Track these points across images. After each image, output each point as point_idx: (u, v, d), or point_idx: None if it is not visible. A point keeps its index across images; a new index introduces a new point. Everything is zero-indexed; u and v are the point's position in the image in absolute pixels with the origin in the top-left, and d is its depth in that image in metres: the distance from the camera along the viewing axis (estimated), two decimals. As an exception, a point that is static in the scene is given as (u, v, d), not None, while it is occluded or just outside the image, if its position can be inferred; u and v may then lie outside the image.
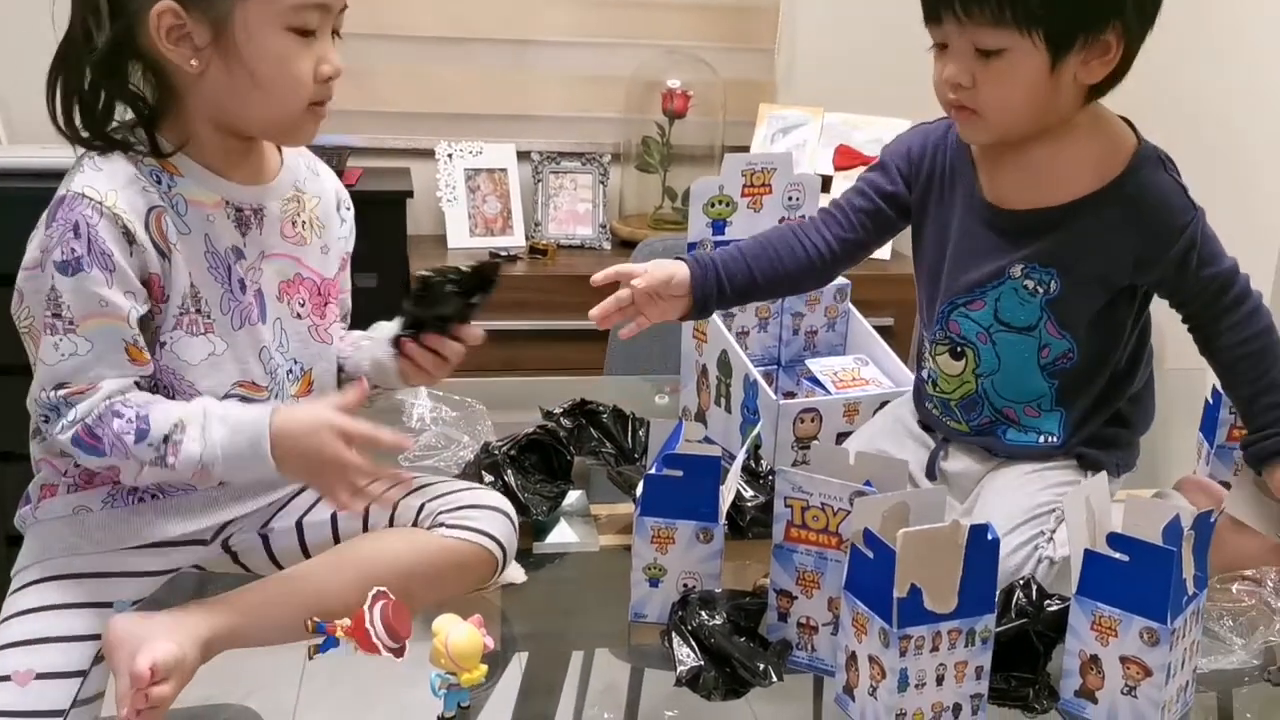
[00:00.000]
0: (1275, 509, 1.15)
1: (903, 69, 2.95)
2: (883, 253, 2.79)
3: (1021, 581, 1.06)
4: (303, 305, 1.17)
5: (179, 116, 1.09)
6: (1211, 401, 1.34)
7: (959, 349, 1.25)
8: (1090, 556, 0.96)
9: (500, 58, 2.86)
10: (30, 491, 1.15)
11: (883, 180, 1.31)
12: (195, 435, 1.03)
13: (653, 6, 2.88)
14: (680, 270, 1.27)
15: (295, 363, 1.17)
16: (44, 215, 1.04)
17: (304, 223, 1.18)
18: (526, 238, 2.81)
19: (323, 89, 1.09)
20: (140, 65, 1.07)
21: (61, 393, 1.03)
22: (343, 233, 1.25)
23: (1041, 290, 1.19)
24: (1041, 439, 1.24)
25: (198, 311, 1.08)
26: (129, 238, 1.03)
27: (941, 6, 1.12)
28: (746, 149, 2.86)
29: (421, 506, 1.11)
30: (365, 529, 1.12)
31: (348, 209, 1.27)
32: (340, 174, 2.56)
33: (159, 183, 1.07)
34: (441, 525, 1.10)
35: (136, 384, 1.06)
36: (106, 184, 1.03)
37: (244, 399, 1.11)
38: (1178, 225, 1.16)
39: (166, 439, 1.03)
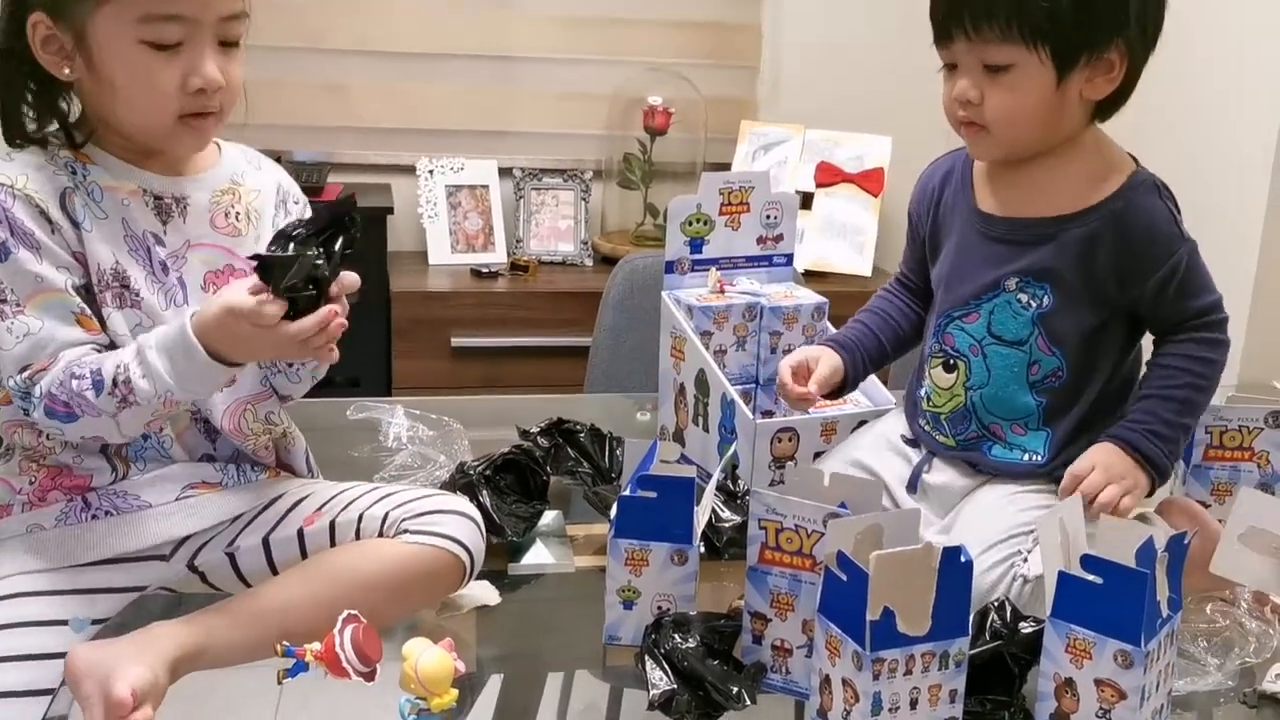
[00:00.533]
0: (1263, 563, 1.13)
1: (884, 87, 3.00)
2: (863, 268, 2.81)
3: (996, 603, 1.05)
4: None
5: (83, 115, 1.12)
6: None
7: (952, 361, 1.27)
8: (1064, 578, 0.96)
9: (482, 74, 2.86)
10: None
11: (911, 232, 1.38)
12: (139, 372, 1.04)
13: (635, 24, 2.89)
14: (835, 361, 1.35)
15: None
16: None
17: (238, 214, 1.18)
18: (508, 254, 2.81)
19: (194, 101, 1.08)
20: (39, 77, 1.10)
21: (25, 374, 1.05)
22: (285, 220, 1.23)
23: (1034, 304, 1.22)
24: (1026, 457, 1.24)
25: (124, 288, 1.10)
26: (45, 217, 1.06)
27: (952, 25, 1.17)
28: (728, 166, 2.87)
29: (386, 515, 1.11)
30: (332, 542, 1.11)
31: (296, 202, 1.26)
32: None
33: (73, 173, 1.10)
34: (405, 532, 1.10)
35: (95, 349, 1.07)
36: (16, 170, 1.07)
37: None
38: (1163, 252, 1.18)
39: (116, 382, 1.04)
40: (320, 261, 1.00)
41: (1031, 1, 1.12)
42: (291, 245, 1.00)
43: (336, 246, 1.01)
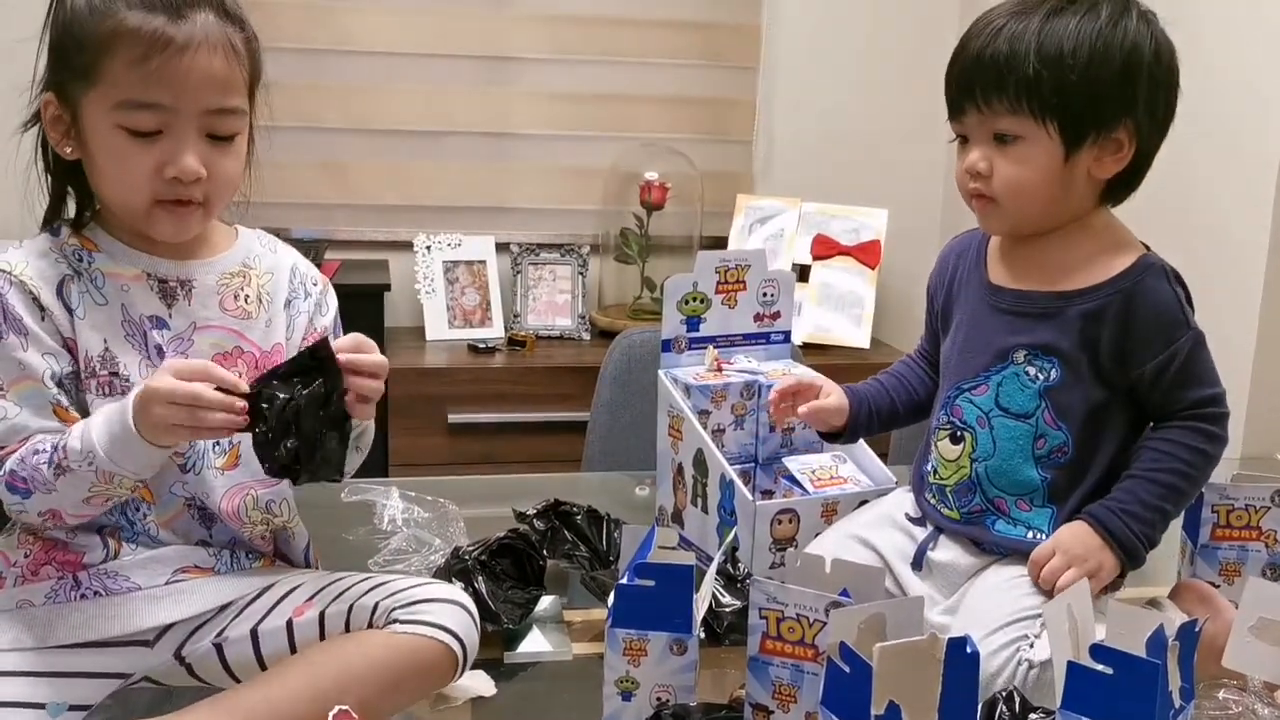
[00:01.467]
0: (1275, 654, 1.10)
1: (878, 160, 3.02)
2: (861, 340, 2.80)
3: (1004, 693, 1.02)
4: (241, 378, 1.13)
5: (90, 197, 1.15)
6: (1194, 501, 1.32)
7: (959, 433, 1.26)
8: (1074, 669, 0.93)
9: (479, 150, 2.88)
10: None
11: (929, 307, 1.39)
12: (76, 432, 1.05)
13: (630, 100, 2.92)
14: (842, 401, 1.40)
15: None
16: None
17: (248, 296, 1.19)
18: (505, 329, 2.81)
19: (172, 188, 1.09)
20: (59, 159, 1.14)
21: None
22: (304, 307, 1.24)
23: (1042, 377, 1.21)
24: (1030, 535, 1.23)
25: (113, 374, 1.10)
26: (38, 303, 1.08)
27: (964, 98, 1.20)
28: (724, 240, 2.88)
29: (376, 605, 1.09)
30: (322, 634, 1.09)
31: (315, 284, 1.26)
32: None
33: (79, 259, 1.12)
34: (395, 622, 1.07)
35: None
36: (19, 257, 1.10)
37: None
38: (1164, 337, 1.18)
39: (57, 448, 1.05)
40: (324, 411, 1.03)
41: (1041, 77, 1.15)
42: (274, 382, 1.03)
43: (310, 389, 1.03)
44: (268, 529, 1.19)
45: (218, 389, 1.02)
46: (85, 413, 1.09)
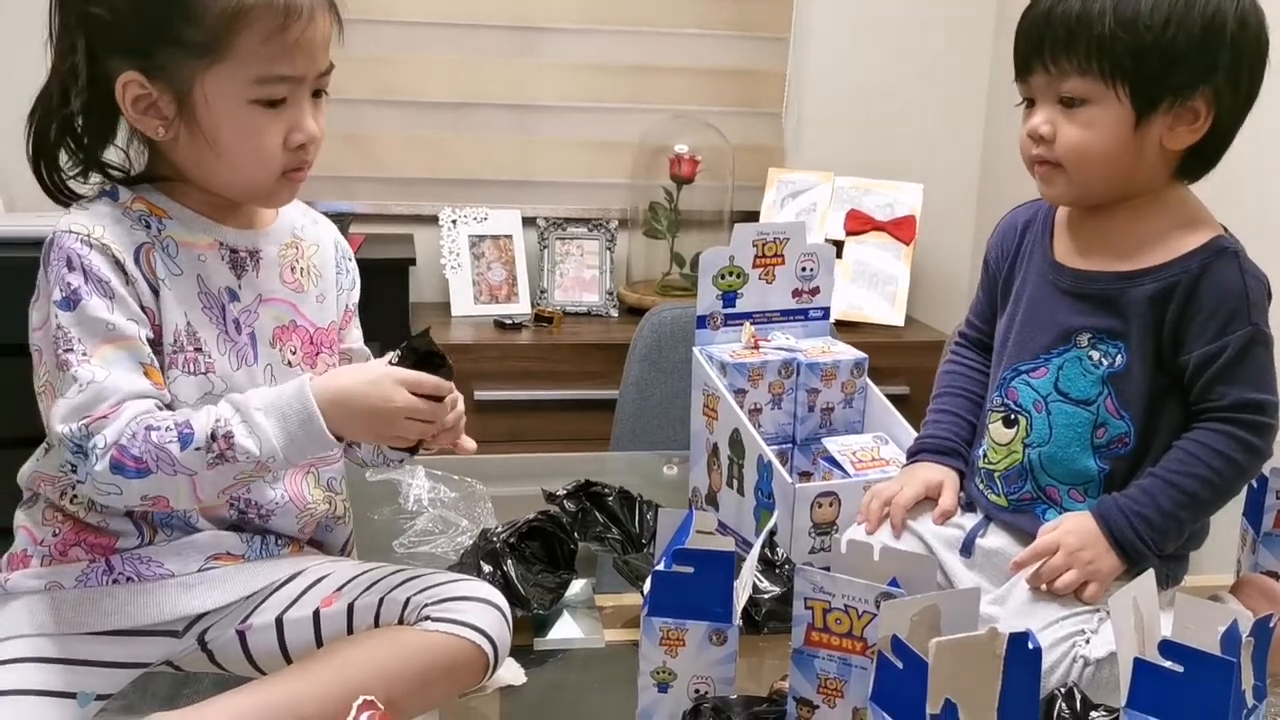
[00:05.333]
0: None
1: (913, 132, 2.95)
2: (895, 318, 2.74)
3: (1064, 690, 0.97)
4: (294, 353, 1.14)
5: (168, 165, 1.09)
6: (1255, 485, 1.26)
7: (1013, 416, 1.21)
8: (1141, 666, 0.88)
9: (506, 123, 2.82)
10: (0, 560, 1.09)
11: (987, 277, 1.31)
12: (243, 430, 1.00)
13: (660, 71, 2.85)
14: (955, 482, 1.26)
15: None
16: (40, 266, 1.04)
17: (302, 269, 1.16)
18: (532, 305, 2.76)
19: (295, 156, 1.07)
20: (130, 128, 1.07)
21: (83, 421, 0.99)
22: (345, 284, 1.22)
23: (1106, 362, 1.15)
24: None
25: (196, 350, 1.06)
26: (122, 268, 1.02)
27: (1032, 55, 1.13)
28: (755, 214, 2.82)
29: (408, 601, 1.04)
30: (350, 627, 1.05)
31: (348, 259, 1.24)
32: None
33: (147, 226, 1.06)
34: (427, 619, 1.03)
35: (159, 406, 1.02)
36: (93, 220, 1.03)
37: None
38: (1220, 326, 1.11)
39: (215, 436, 0.99)
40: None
41: (1115, 36, 1.08)
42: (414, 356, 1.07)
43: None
44: (329, 510, 1.16)
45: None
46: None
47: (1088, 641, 1.08)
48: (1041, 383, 1.19)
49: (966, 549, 1.21)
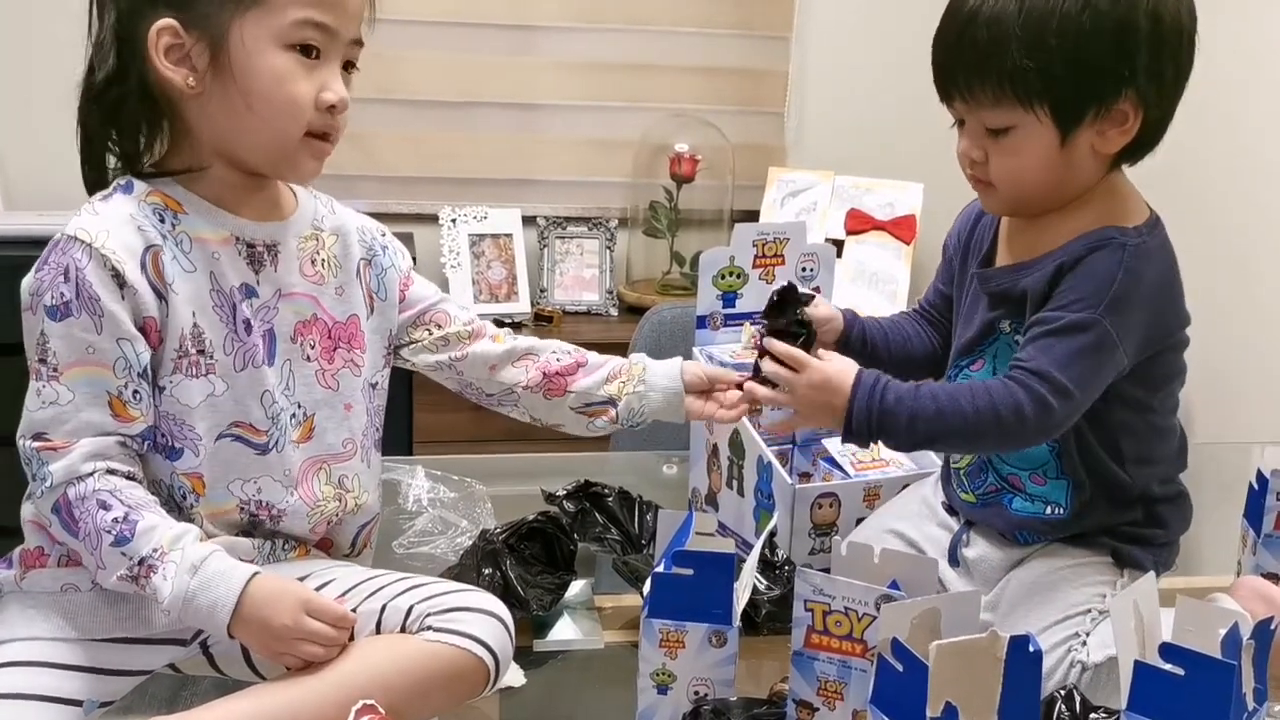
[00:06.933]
0: None
1: (912, 132, 2.93)
2: (896, 319, 2.74)
3: (1063, 692, 0.97)
4: (313, 348, 1.12)
5: (189, 149, 1.07)
6: (1256, 486, 1.26)
7: None
8: (1141, 669, 0.88)
9: (506, 122, 2.82)
10: (13, 555, 1.08)
11: (944, 267, 1.30)
12: (163, 575, 0.98)
13: (660, 70, 2.85)
14: (834, 311, 1.30)
15: (299, 407, 1.12)
16: (41, 257, 1.02)
17: (323, 261, 1.14)
18: (532, 304, 2.76)
19: (323, 119, 1.06)
20: (148, 99, 1.04)
21: (36, 444, 1.00)
22: (387, 261, 1.21)
23: None
24: (1049, 510, 1.17)
25: (200, 353, 1.05)
26: (119, 280, 1.00)
27: (948, 84, 1.12)
28: (756, 214, 2.82)
29: (410, 609, 1.04)
30: (352, 634, 1.04)
31: (381, 234, 1.23)
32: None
33: (161, 221, 1.04)
34: (428, 629, 1.02)
35: (121, 444, 1.01)
36: (100, 225, 1.01)
37: (239, 439, 1.07)
38: (1071, 301, 1.08)
39: (142, 560, 0.98)
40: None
41: (1024, 66, 1.04)
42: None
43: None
44: (339, 507, 1.14)
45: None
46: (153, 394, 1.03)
47: (1083, 644, 1.08)
48: (981, 374, 1.19)
49: (953, 559, 1.21)
